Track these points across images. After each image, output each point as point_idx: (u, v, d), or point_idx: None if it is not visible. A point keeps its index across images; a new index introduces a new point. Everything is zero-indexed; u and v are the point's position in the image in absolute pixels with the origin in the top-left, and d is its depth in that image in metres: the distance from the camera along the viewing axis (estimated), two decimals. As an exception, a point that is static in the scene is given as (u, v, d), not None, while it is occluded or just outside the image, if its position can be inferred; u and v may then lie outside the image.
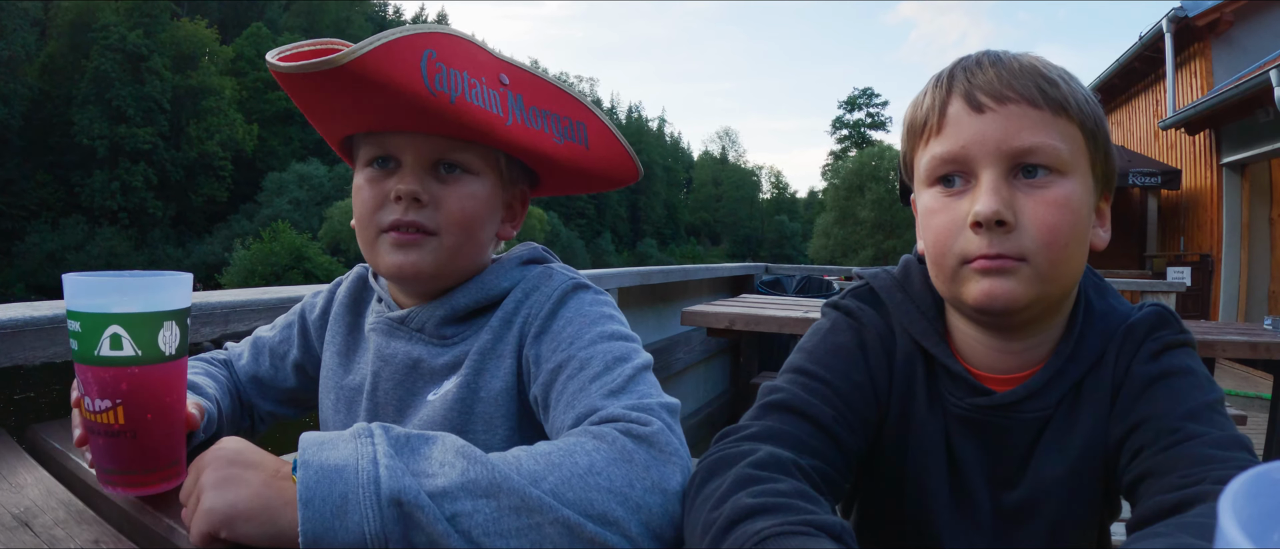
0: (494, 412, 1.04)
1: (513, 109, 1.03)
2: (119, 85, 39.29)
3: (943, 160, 0.91)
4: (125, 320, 0.84)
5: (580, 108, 1.12)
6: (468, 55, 1.00)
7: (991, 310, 0.88)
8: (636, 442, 0.80)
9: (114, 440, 0.86)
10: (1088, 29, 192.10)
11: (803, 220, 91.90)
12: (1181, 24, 10.53)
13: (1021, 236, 0.86)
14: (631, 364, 0.95)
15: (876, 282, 1.07)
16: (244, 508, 0.71)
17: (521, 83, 1.06)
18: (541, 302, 1.06)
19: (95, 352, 0.84)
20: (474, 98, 0.98)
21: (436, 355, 1.09)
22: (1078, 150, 0.89)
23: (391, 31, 0.92)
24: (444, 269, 1.07)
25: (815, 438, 0.89)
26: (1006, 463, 0.97)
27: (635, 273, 4.59)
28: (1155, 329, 0.95)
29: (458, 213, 1.05)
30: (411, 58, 0.92)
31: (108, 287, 0.86)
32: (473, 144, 1.04)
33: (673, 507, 0.78)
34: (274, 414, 1.33)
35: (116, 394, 0.85)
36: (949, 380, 0.99)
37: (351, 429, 0.76)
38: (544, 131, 1.07)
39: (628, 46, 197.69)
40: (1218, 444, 0.79)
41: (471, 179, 1.06)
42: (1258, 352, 3.05)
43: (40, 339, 1.49)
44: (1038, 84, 0.87)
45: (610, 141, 1.14)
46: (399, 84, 0.93)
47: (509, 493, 0.71)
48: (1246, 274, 9.74)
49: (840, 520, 0.70)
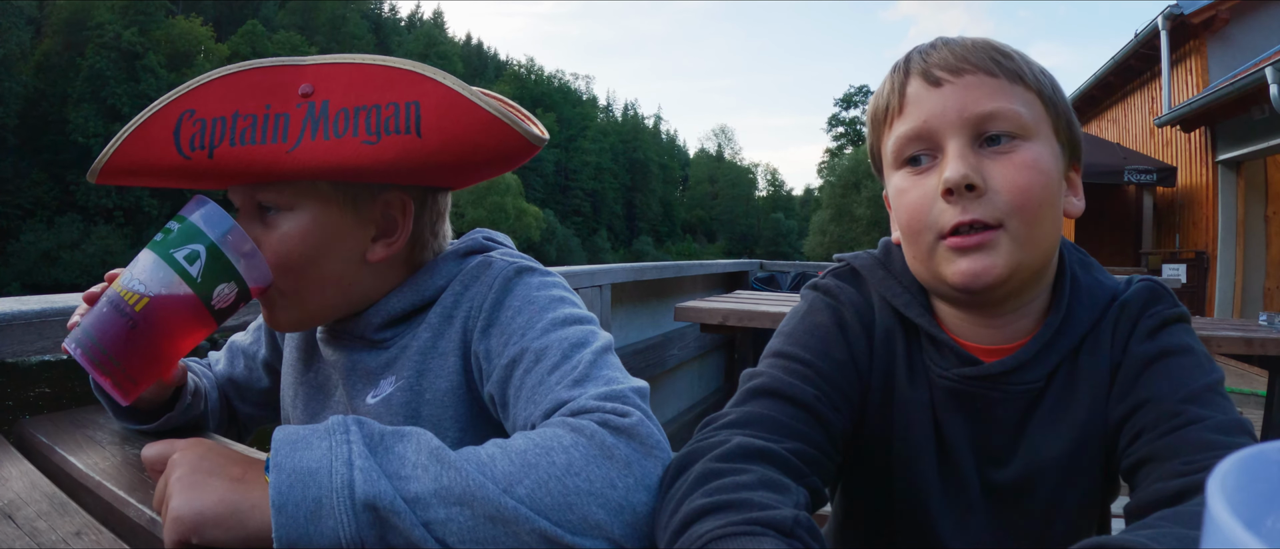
0: (441, 413, 1.00)
1: (308, 126, 0.92)
2: (114, 83, 39.25)
3: (907, 138, 0.92)
4: (213, 251, 0.93)
5: (413, 82, 0.93)
6: (242, 91, 0.94)
7: (973, 289, 0.88)
8: (616, 434, 0.75)
9: (116, 316, 0.91)
10: (1088, 27, 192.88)
11: (799, 218, 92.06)
12: (1177, 21, 10.54)
13: (994, 200, 0.86)
14: (591, 348, 0.90)
15: (857, 260, 1.07)
16: (211, 514, 0.69)
17: (332, 84, 0.94)
18: (483, 293, 1.00)
19: (171, 251, 0.92)
20: (242, 138, 0.92)
21: (374, 357, 1.05)
22: (1039, 116, 0.90)
23: (142, 113, 0.94)
24: (304, 318, 1.05)
25: (797, 419, 0.88)
26: (995, 438, 0.96)
27: (629, 268, 4.59)
28: (1150, 305, 0.94)
29: (273, 256, 0.98)
30: (163, 131, 0.94)
31: (227, 227, 0.94)
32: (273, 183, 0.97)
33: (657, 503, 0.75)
34: (254, 417, 1.33)
35: (154, 288, 0.91)
36: (934, 352, 0.98)
37: (326, 424, 0.73)
38: (350, 137, 0.91)
39: (624, 43, 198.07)
40: (1219, 429, 0.78)
41: (286, 216, 0.98)
42: (1253, 348, 3.05)
43: (29, 333, 1.48)
44: (991, 56, 0.90)
45: (464, 113, 0.93)
46: (154, 164, 0.95)
47: (482, 502, 0.68)
48: (1242, 271, 9.76)
49: (793, 514, 0.68)
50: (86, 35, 39.69)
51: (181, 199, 0.99)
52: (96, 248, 36.99)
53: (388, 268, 1.06)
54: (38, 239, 36.52)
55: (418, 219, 1.06)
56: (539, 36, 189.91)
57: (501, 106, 0.95)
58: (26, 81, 38.51)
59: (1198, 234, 10.55)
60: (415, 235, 1.07)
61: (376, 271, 1.05)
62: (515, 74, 79.35)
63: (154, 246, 0.93)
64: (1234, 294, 9.78)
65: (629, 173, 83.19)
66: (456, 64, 63.67)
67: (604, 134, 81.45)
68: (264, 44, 46.24)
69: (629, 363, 4.39)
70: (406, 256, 1.08)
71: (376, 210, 1.03)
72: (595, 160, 76.55)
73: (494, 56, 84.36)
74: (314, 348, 1.15)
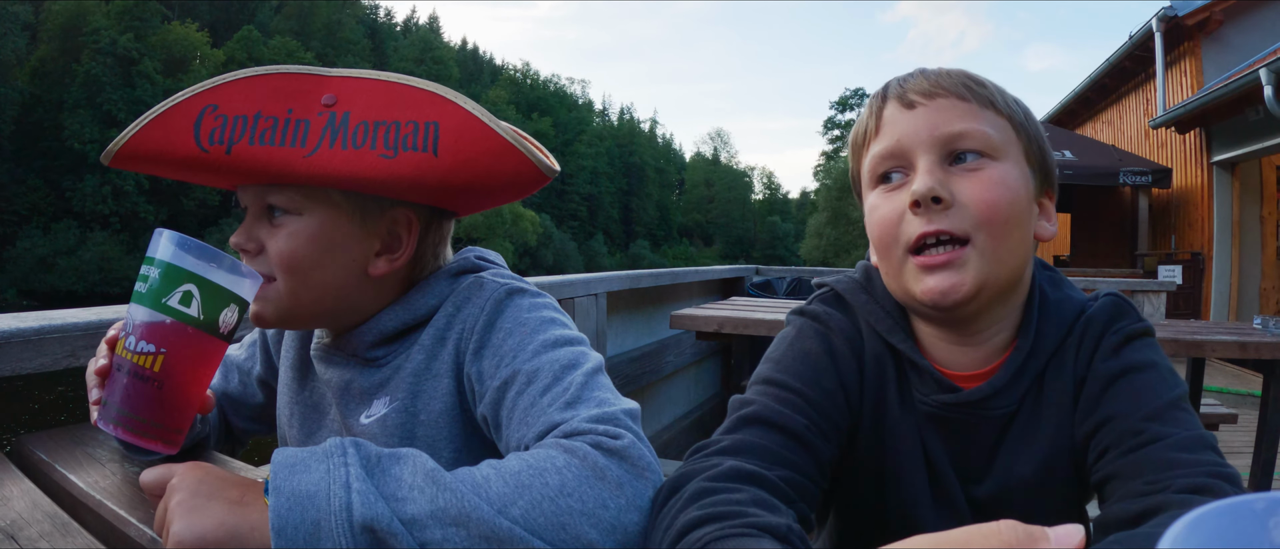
0: (436, 434, 1.01)
1: (327, 134, 0.94)
2: (110, 89, 39.09)
3: (881, 157, 0.96)
4: (203, 284, 0.92)
5: (434, 103, 0.95)
6: (266, 93, 0.96)
7: (942, 306, 0.90)
8: (608, 456, 0.77)
9: (139, 384, 0.91)
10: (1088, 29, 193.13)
11: (795, 221, 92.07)
12: (1171, 23, 10.57)
13: (960, 214, 0.89)
14: (582, 370, 0.91)
15: (840, 285, 1.09)
16: (212, 538, 0.70)
17: (355, 96, 0.96)
18: (475, 314, 1.01)
19: (164, 300, 0.91)
20: (260, 139, 0.94)
21: (367, 377, 1.06)
22: (1009, 139, 0.93)
23: (167, 101, 0.96)
24: (290, 318, 1.05)
25: (788, 448, 0.89)
26: (973, 458, 0.98)
27: (624, 276, 4.59)
28: (1113, 320, 0.96)
29: (277, 257, 1.00)
30: (184, 122, 0.95)
31: (200, 250, 0.93)
32: (288, 185, 0.99)
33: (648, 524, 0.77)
34: (247, 432, 1.34)
35: (164, 344, 0.91)
36: (917, 378, 1.00)
37: (324, 447, 0.74)
38: (367, 149, 0.93)
39: (620, 48, 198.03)
40: (1181, 446, 0.80)
41: (294, 219, 1.00)
42: (1247, 351, 3.05)
43: (26, 351, 1.49)
44: (964, 83, 0.94)
45: (480, 137, 0.94)
46: (170, 153, 0.95)
47: (478, 522, 0.70)
48: (1237, 272, 9.78)
49: (788, 522, 0.70)
50: (82, 41, 39.57)
51: (177, 201, 1.00)
52: (93, 254, 36.86)
53: (383, 284, 1.07)
54: (34, 245, 36.36)
55: (422, 239, 1.08)
56: (535, 41, 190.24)
57: (517, 136, 0.97)
58: (22, 87, 38.38)
59: (1193, 235, 10.57)
60: (417, 255, 1.08)
61: (372, 286, 1.06)
62: (511, 78, 79.19)
63: (144, 300, 0.92)
64: (1230, 295, 9.80)
65: (625, 177, 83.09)
66: (452, 69, 63.40)
67: (600, 138, 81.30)
68: (260, 49, 46.15)
69: (625, 371, 4.45)
70: (403, 274, 1.09)
71: (383, 225, 1.04)
72: (591, 164, 76.41)
73: (489, 61, 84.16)
74: (308, 367, 1.16)
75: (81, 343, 1.55)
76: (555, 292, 3.54)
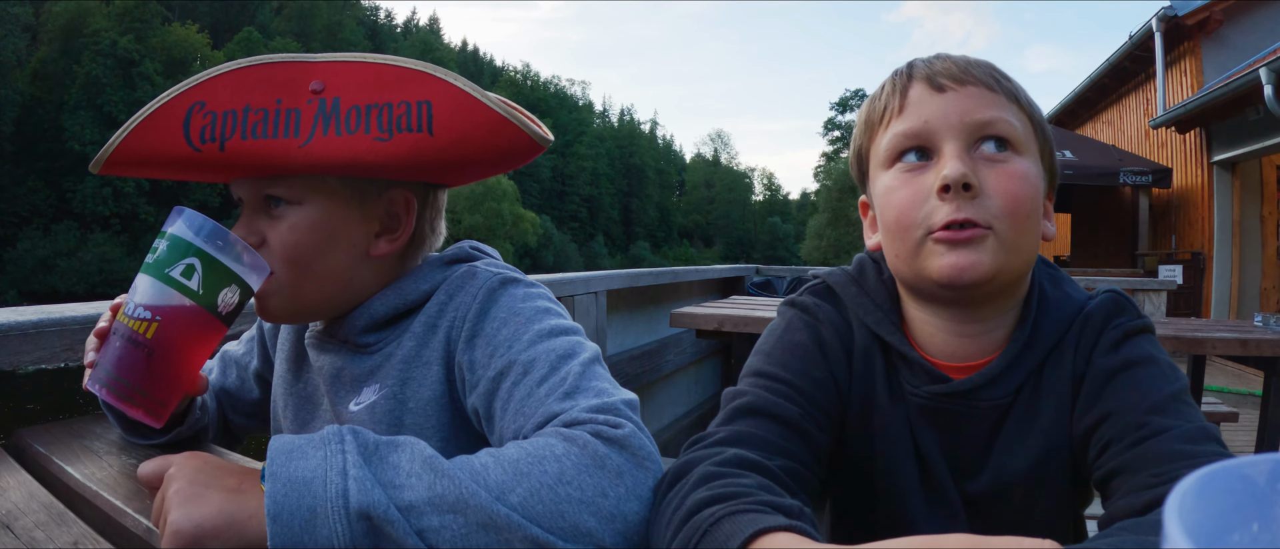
0: (423, 422, 1.00)
1: (319, 122, 0.94)
2: (111, 90, 39.14)
3: (904, 136, 0.94)
4: (207, 260, 0.93)
5: (423, 82, 0.95)
6: (252, 85, 0.95)
7: (958, 284, 0.89)
8: (608, 445, 0.76)
9: (131, 348, 0.93)
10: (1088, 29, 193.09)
11: (795, 222, 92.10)
12: (1171, 23, 10.56)
13: (986, 203, 0.88)
14: (579, 359, 0.90)
15: (831, 278, 1.09)
16: (210, 526, 0.70)
17: (343, 81, 0.96)
18: (467, 303, 1.00)
19: (167, 269, 0.93)
20: (253, 133, 0.93)
21: (358, 363, 1.06)
22: (1028, 135, 0.94)
23: (152, 103, 0.95)
24: (299, 311, 1.05)
25: (785, 438, 0.89)
26: (966, 451, 0.98)
27: (624, 275, 4.59)
28: (1112, 316, 0.96)
29: (280, 249, 1.00)
30: (172, 122, 0.94)
31: (210, 231, 0.94)
32: (282, 176, 0.99)
33: (650, 513, 0.76)
34: (245, 427, 1.33)
35: (160, 312, 0.93)
36: (907, 370, 0.99)
37: (320, 434, 0.74)
38: (362, 133, 0.93)
39: (620, 49, 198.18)
40: (1185, 438, 0.79)
41: (293, 210, 1.00)
42: (1248, 348, 3.05)
43: (25, 343, 1.48)
44: (991, 73, 0.95)
45: (474, 112, 0.95)
46: (162, 155, 0.95)
47: (475, 510, 0.69)
48: (1238, 271, 9.77)
49: (797, 504, 0.70)
50: (83, 42, 39.63)
51: (178, 201, 1.00)
52: (93, 255, 36.91)
53: (384, 263, 1.07)
54: (34, 247, 36.42)
55: (419, 215, 1.08)
56: (535, 42, 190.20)
57: (508, 107, 0.98)
58: (22, 89, 38.44)
59: (1193, 235, 10.56)
60: (416, 231, 1.09)
61: (375, 267, 1.06)
62: (511, 80, 79.15)
63: (149, 269, 0.94)
64: (1230, 294, 9.79)
65: (625, 178, 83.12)
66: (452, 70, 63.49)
67: (600, 139, 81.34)
68: (260, 50, 45.92)
69: (625, 369, 4.44)
70: (402, 252, 1.09)
71: (381, 207, 1.05)
72: (592, 166, 76.46)
73: (490, 62, 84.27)
74: (303, 358, 1.16)
75: (80, 336, 1.54)
76: (555, 289, 3.53)
